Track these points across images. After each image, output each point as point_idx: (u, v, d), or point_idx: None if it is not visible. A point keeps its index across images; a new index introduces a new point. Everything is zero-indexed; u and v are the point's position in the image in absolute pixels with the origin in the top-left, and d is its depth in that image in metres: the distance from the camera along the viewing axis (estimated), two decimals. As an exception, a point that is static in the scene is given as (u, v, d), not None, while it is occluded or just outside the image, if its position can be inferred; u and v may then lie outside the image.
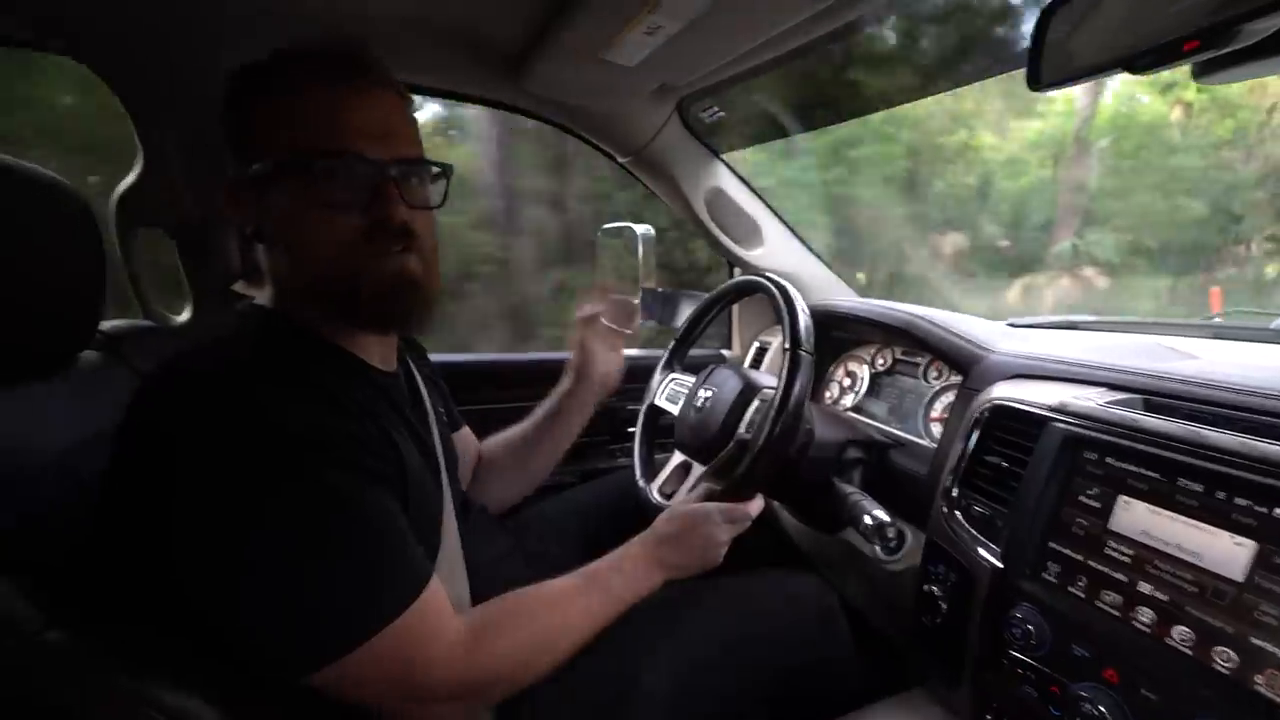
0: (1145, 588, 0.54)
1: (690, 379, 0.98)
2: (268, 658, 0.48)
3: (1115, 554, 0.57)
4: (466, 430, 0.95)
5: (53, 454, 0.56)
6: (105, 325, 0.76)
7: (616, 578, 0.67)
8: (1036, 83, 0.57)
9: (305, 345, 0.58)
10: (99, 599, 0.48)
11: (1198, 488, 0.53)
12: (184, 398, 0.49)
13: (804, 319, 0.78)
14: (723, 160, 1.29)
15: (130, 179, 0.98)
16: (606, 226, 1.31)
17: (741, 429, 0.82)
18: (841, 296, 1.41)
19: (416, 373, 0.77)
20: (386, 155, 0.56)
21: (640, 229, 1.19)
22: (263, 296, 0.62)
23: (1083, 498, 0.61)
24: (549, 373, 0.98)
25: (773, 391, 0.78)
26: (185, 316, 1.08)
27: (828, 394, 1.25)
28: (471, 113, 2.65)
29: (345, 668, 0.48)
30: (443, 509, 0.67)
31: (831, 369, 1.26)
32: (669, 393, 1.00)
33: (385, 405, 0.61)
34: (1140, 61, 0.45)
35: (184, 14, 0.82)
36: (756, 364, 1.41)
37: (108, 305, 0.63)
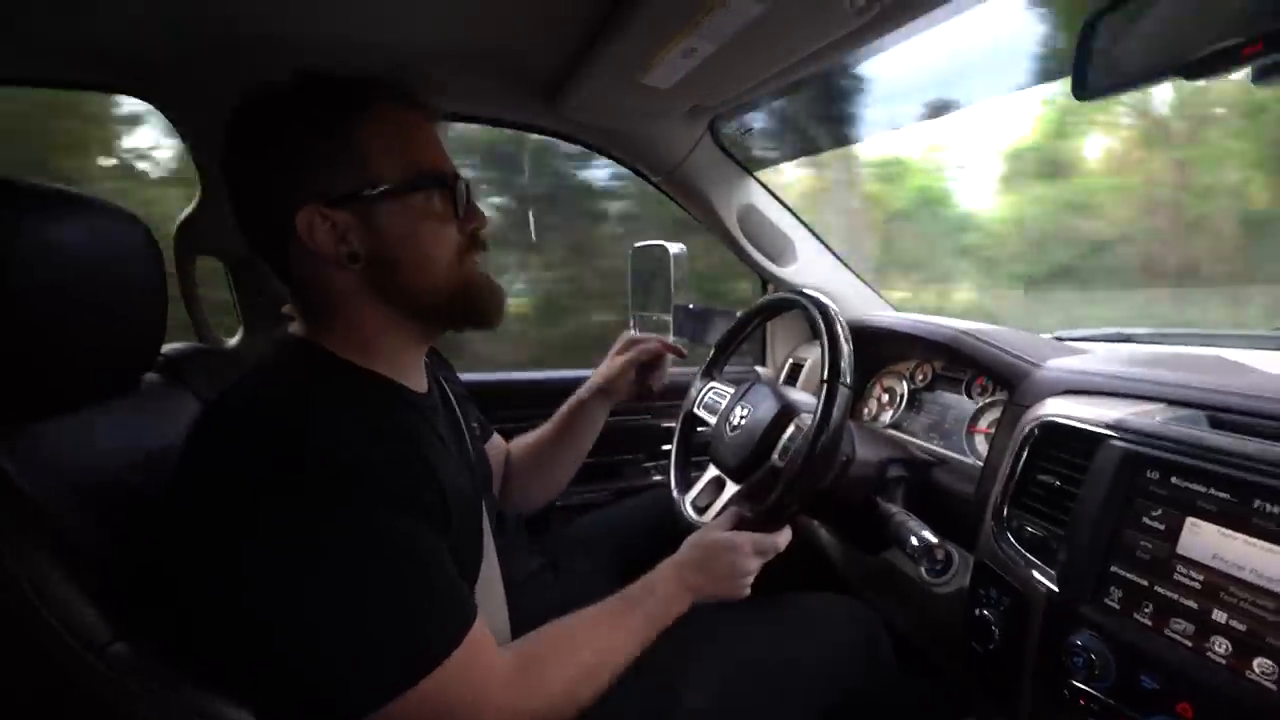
0: (1220, 616, 0.51)
1: (728, 389, 0.97)
2: (317, 698, 0.48)
3: (1185, 579, 0.54)
4: (496, 437, 0.97)
5: (120, 470, 0.58)
6: (165, 348, 0.79)
7: (650, 601, 0.67)
8: (1082, 91, 0.55)
9: (347, 376, 0.59)
10: (162, 614, 0.49)
11: (1275, 509, 0.50)
12: (235, 438, 0.50)
13: (845, 346, 0.74)
14: (754, 177, 1.29)
15: (189, 209, 1.03)
16: (638, 244, 1.32)
17: (775, 455, 0.80)
18: (877, 311, 1.38)
19: (449, 389, 0.77)
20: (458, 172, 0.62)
21: (673, 247, 1.19)
22: (299, 328, 0.62)
23: (1146, 519, 0.58)
24: (570, 392, 0.99)
25: (810, 417, 0.76)
26: (236, 340, 1.13)
27: (865, 411, 1.22)
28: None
29: (394, 709, 0.47)
30: (482, 528, 0.68)
31: (869, 386, 1.24)
32: (707, 401, 1.00)
33: (427, 431, 0.61)
34: (1196, 67, 0.44)
35: (237, 49, 0.86)
36: (791, 380, 1.39)
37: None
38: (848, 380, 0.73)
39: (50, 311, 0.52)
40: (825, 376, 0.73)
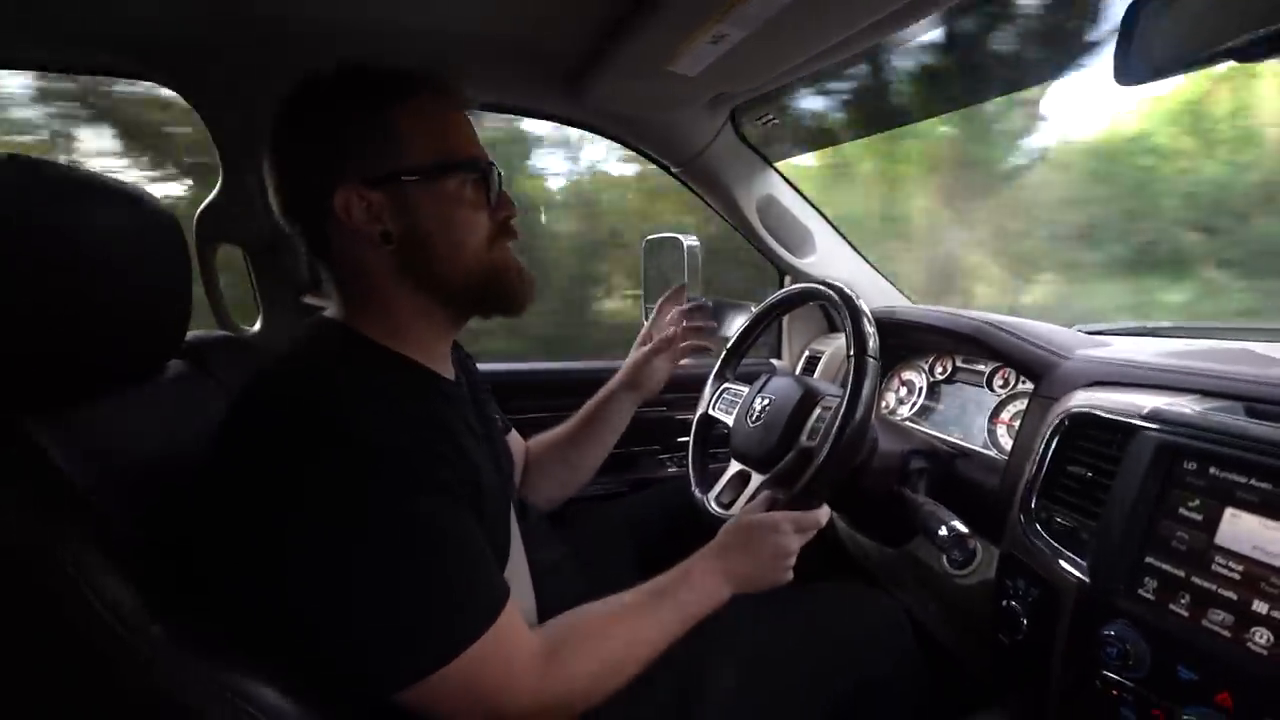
0: (1261, 607, 0.51)
1: (743, 388, 0.97)
2: (352, 676, 0.48)
3: (1223, 570, 0.54)
4: (515, 434, 0.97)
5: (148, 454, 0.58)
6: (189, 335, 0.79)
7: (685, 591, 0.66)
8: (1125, 77, 0.55)
9: (380, 359, 0.60)
10: (197, 595, 0.49)
11: (1318, 500, 0.50)
12: (272, 420, 0.50)
13: (868, 324, 0.75)
14: (774, 168, 1.28)
15: (210, 197, 1.03)
16: (651, 237, 1.32)
17: (803, 437, 0.80)
18: (896, 303, 1.38)
19: (472, 380, 0.78)
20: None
21: (686, 239, 1.19)
22: (334, 311, 0.63)
23: (1183, 510, 0.58)
24: (588, 382, 0.98)
25: (835, 399, 0.76)
26: (257, 327, 1.13)
27: (884, 404, 1.22)
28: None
29: (427, 688, 0.48)
30: (510, 517, 0.68)
31: (886, 378, 1.23)
32: (723, 402, 0.99)
33: (456, 417, 0.61)
34: (1253, 49, 0.43)
35: (262, 37, 0.86)
36: (808, 372, 1.38)
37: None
38: (875, 353, 0.73)
39: (76, 295, 0.51)
40: (852, 352, 0.73)
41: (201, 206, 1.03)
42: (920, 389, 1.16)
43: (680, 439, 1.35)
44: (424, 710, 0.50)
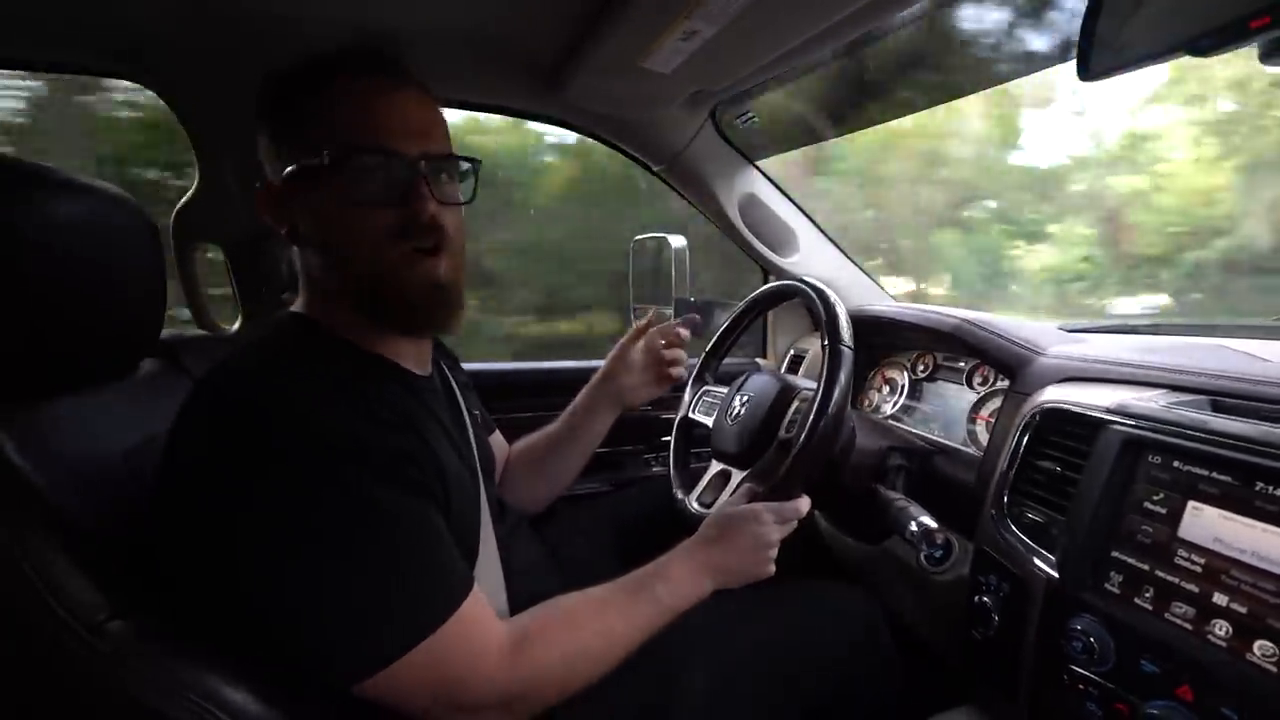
0: (1220, 599, 0.51)
1: (723, 390, 0.97)
2: (311, 667, 0.48)
3: (1185, 563, 0.54)
4: (497, 434, 0.96)
5: (119, 453, 0.58)
6: (164, 334, 0.79)
7: (662, 585, 0.64)
8: (1086, 73, 0.55)
9: (342, 352, 0.59)
10: (158, 593, 0.49)
11: (1277, 492, 0.50)
12: (227, 411, 0.50)
13: (842, 315, 0.76)
14: (756, 166, 1.28)
15: (188, 197, 1.03)
16: (639, 237, 1.32)
17: (781, 431, 0.80)
18: (878, 301, 1.38)
19: (451, 376, 0.77)
20: (416, 151, 0.56)
21: (674, 239, 1.19)
22: (299, 304, 0.63)
23: (1147, 504, 0.58)
24: (577, 382, 0.98)
25: (812, 392, 0.76)
26: (236, 327, 1.12)
27: (866, 402, 1.22)
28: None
29: (388, 679, 0.47)
30: (481, 514, 0.68)
31: (870, 376, 1.24)
32: (702, 405, 0.99)
33: (423, 411, 0.61)
34: (1203, 42, 0.43)
35: (237, 34, 0.86)
36: (792, 372, 1.39)
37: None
38: (849, 343, 0.73)
39: (49, 293, 0.52)
40: (826, 342, 0.74)
41: (179, 205, 1.03)
42: (902, 387, 1.16)
43: (664, 438, 1.35)
44: (388, 702, 0.49)
